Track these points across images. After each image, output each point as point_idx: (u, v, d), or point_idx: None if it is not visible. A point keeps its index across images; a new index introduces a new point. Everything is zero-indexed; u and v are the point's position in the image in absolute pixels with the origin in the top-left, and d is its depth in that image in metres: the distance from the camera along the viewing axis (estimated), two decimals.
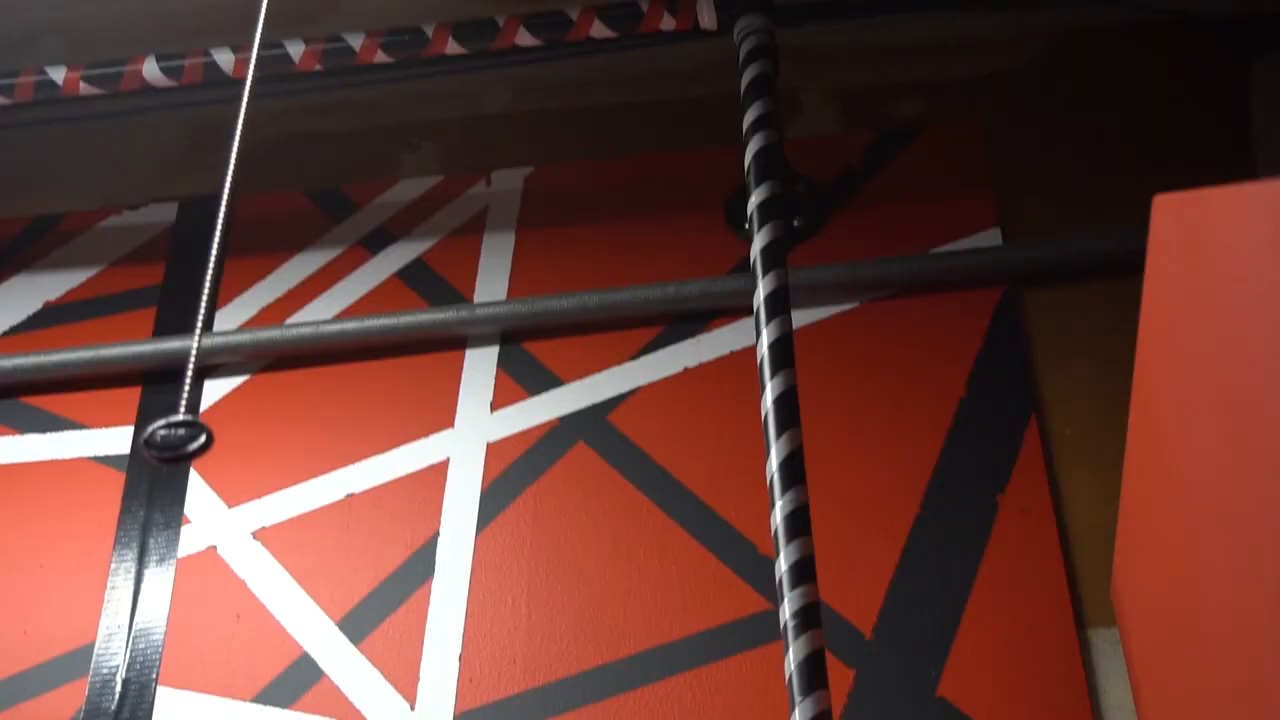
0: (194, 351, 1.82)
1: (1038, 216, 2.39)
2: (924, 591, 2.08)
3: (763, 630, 2.09)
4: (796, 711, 1.32)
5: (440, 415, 2.37)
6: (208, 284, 1.80)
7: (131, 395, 2.49)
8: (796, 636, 1.39)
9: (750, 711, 2.03)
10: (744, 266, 2.39)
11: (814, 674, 1.37)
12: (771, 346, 1.84)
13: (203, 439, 1.65)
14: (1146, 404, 1.57)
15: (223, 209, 1.67)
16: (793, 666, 1.36)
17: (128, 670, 2.21)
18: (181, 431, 1.64)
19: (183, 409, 1.69)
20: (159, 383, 2.50)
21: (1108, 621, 2.02)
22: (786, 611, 1.48)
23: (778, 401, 1.77)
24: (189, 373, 1.74)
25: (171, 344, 2.48)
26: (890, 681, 2.02)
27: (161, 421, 1.67)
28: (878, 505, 2.16)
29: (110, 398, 2.49)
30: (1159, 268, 1.39)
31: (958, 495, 2.14)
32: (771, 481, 1.73)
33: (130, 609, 2.26)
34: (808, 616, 1.46)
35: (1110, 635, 2.01)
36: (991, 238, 2.35)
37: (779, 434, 1.73)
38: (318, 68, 2.42)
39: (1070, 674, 1.98)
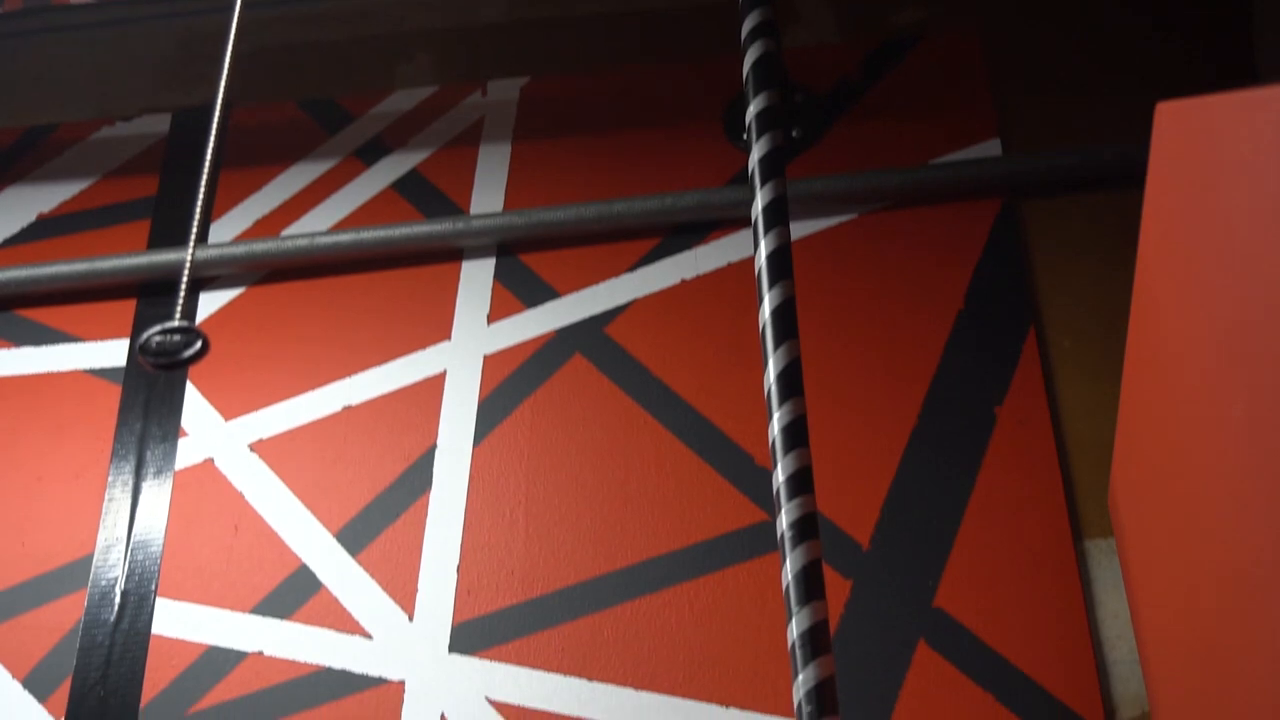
0: (188, 263, 1.81)
1: (1038, 126, 2.37)
2: (921, 503, 2.08)
3: (760, 541, 2.09)
4: (793, 621, 1.32)
5: (437, 328, 2.36)
6: (202, 195, 1.79)
7: (126, 308, 2.48)
8: (794, 547, 1.39)
9: (747, 622, 2.04)
10: (742, 177, 2.37)
11: (811, 584, 1.37)
12: (769, 258, 1.82)
13: (198, 345, 1.65)
14: (1147, 315, 1.56)
15: (215, 120, 1.66)
16: (790, 577, 1.36)
17: (126, 582, 2.21)
18: (176, 338, 1.64)
19: (177, 317, 1.69)
20: (154, 295, 2.48)
21: (1105, 532, 2.03)
22: (784, 522, 1.47)
23: (776, 313, 1.76)
24: (184, 281, 1.73)
25: (166, 256, 2.47)
26: (887, 592, 2.02)
27: (157, 328, 1.66)
28: (875, 417, 2.15)
29: (105, 310, 2.48)
30: (1161, 176, 1.38)
31: (955, 407, 2.14)
32: (769, 393, 1.72)
33: (128, 521, 2.27)
34: (805, 527, 1.45)
35: (1107, 546, 2.02)
36: (991, 148, 2.33)
37: (777, 345, 1.72)
38: None
39: (1067, 585, 1.98)
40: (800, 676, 1.26)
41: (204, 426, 2.34)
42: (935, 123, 2.38)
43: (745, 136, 2.01)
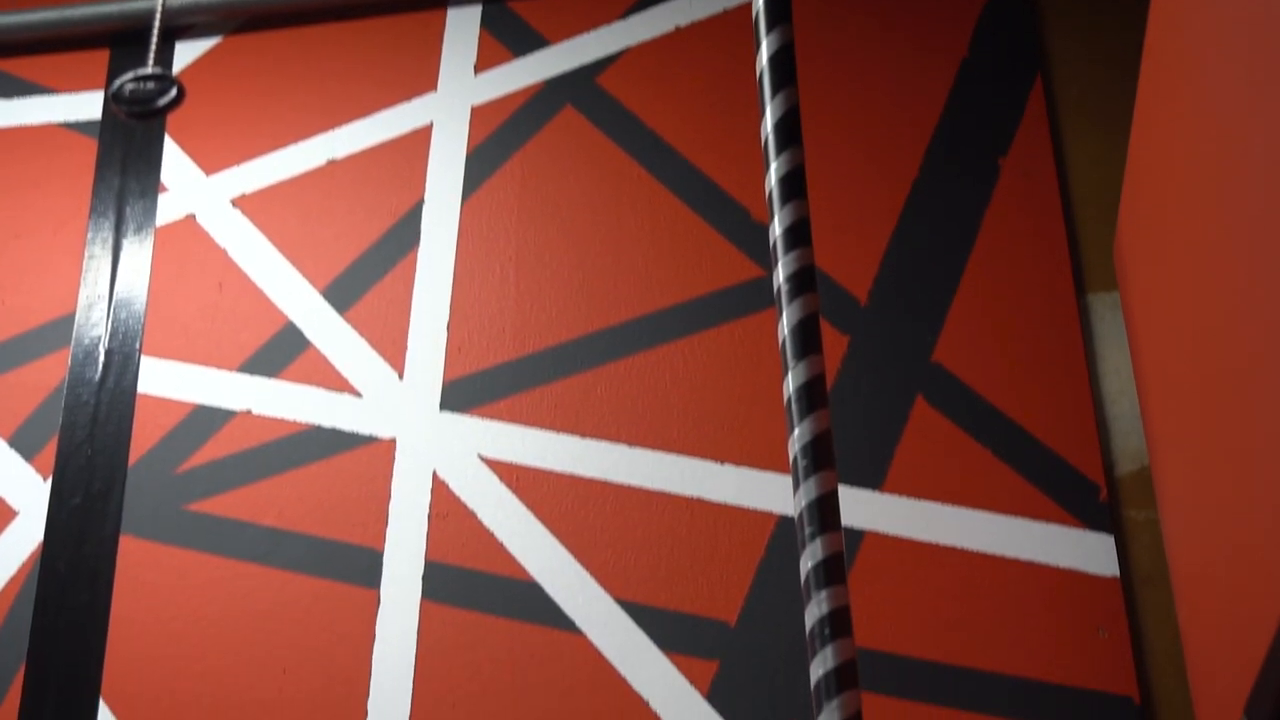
0: (160, 7, 1.74)
1: None
2: (921, 257, 2.04)
3: (755, 297, 2.06)
4: (789, 375, 1.28)
5: (422, 78, 2.29)
6: None
7: (100, 58, 2.40)
8: (790, 301, 1.34)
9: (742, 378, 2.02)
10: None
11: (808, 338, 1.33)
12: (767, 3, 1.75)
13: (173, 93, 1.59)
14: (1160, 59, 1.50)
15: None
16: (786, 331, 1.32)
17: (110, 340, 2.18)
18: (151, 85, 1.58)
19: (151, 64, 1.62)
20: (128, 45, 2.40)
21: (1108, 286, 1.99)
22: (780, 276, 1.43)
23: (773, 60, 1.69)
24: (156, 26, 1.66)
25: (139, 2, 2.38)
26: (885, 347, 2.00)
27: (130, 75, 1.60)
28: (876, 168, 2.10)
29: (78, 60, 2.40)
30: None
31: (958, 158, 2.09)
32: (766, 143, 1.66)
33: (110, 279, 2.22)
34: (802, 280, 1.41)
35: (1110, 300, 1.98)
36: None
37: (774, 93, 1.66)
38: None
39: (1068, 338, 1.96)
40: (796, 431, 1.23)
41: (184, 182, 2.28)
42: None
43: None
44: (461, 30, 2.31)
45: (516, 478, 2.01)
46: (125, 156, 2.31)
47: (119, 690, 1.97)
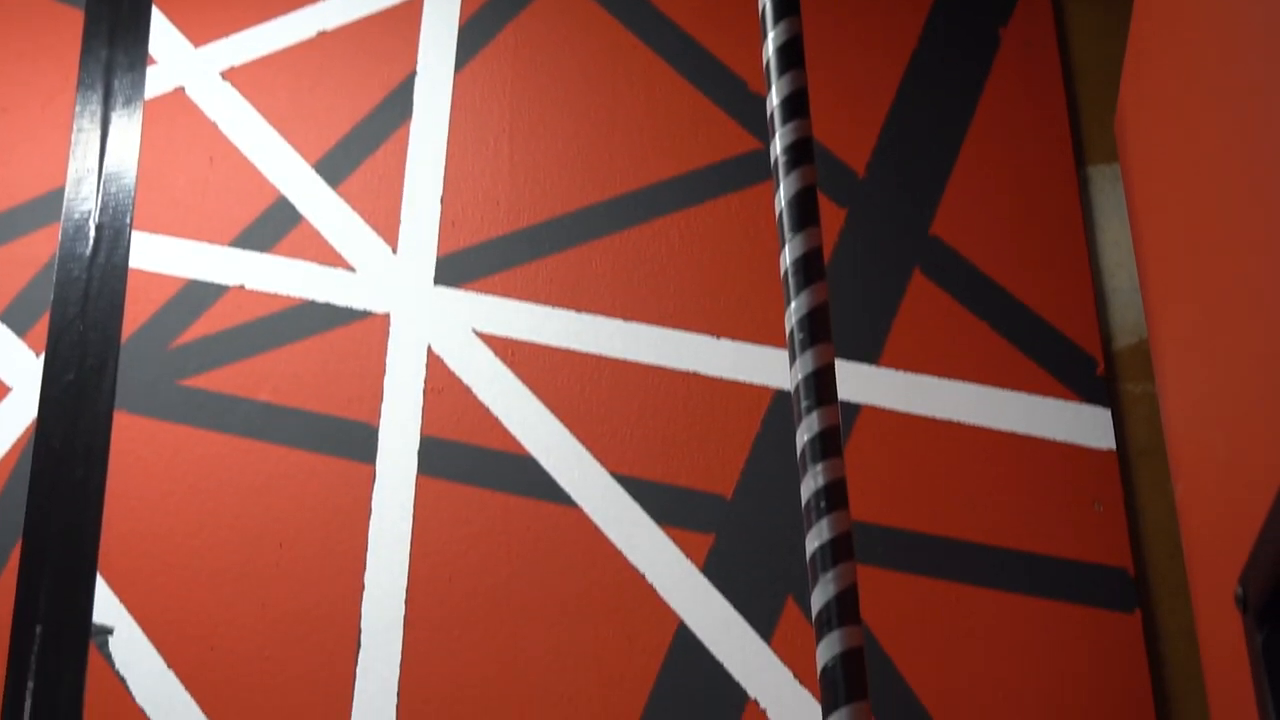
0: None
1: None
2: (920, 128, 2.02)
3: (752, 170, 2.04)
4: (786, 248, 1.26)
5: None
6: None
7: None
8: (787, 173, 1.32)
9: (739, 252, 2.00)
10: None
11: (805, 211, 1.31)
12: None
13: None
14: None
15: None
16: (783, 203, 1.30)
17: (100, 215, 2.16)
18: None
19: None
20: None
21: (1109, 158, 1.97)
22: (777, 147, 1.41)
23: None
24: None
25: None
26: (883, 220, 1.98)
27: None
28: (874, 37, 2.07)
29: None
30: None
31: (958, 28, 2.06)
32: (763, 12, 1.63)
33: (99, 153, 2.20)
34: (799, 152, 1.39)
35: (1110, 172, 1.96)
36: None
37: None
38: None
39: (1067, 211, 1.94)
40: (793, 304, 1.22)
41: (173, 54, 2.25)
42: None
43: None
44: None
45: (511, 352, 2.00)
46: (112, 28, 2.27)
47: (116, 565, 1.97)
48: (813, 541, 1.10)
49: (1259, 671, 1.24)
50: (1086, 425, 1.84)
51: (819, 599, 1.08)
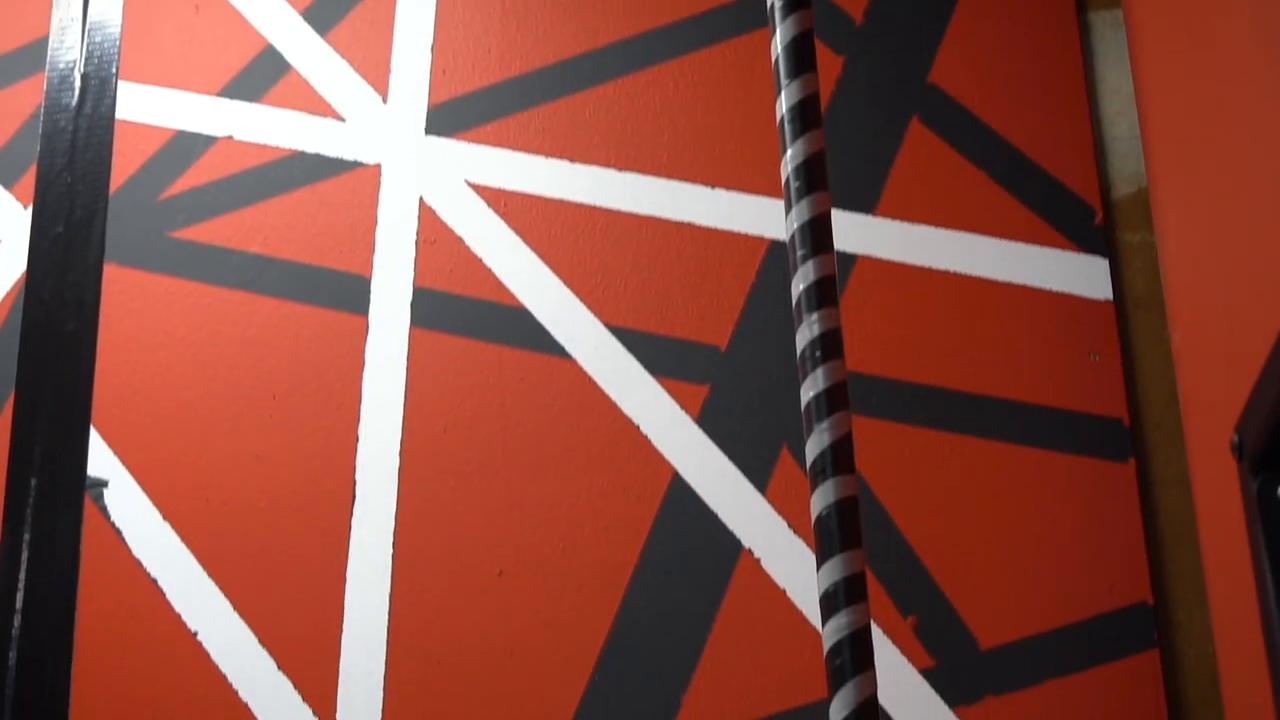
0: None
1: None
2: None
3: (748, 16, 2.01)
4: (782, 96, 1.24)
5: None
6: None
7: None
8: (783, 18, 1.29)
9: (734, 100, 1.98)
10: None
11: (801, 58, 1.29)
12: None
13: None
14: None
15: None
16: (779, 50, 1.28)
17: (85, 64, 2.12)
18: None
19: None
20: None
21: (1110, 3, 1.93)
22: None
23: None
24: None
25: None
26: (880, 68, 1.95)
27: None
28: None
29: None
30: None
31: None
32: None
33: (82, 1, 2.15)
34: None
35: (1113, 18, 1.93)
36: None
37: None
38: None
39: (1068, 58, 1.91)
40: (789, 152, 1.20)
41: None
42: None
43: None
44: None
45: (504, 203, 1.98)
46: None
47: (109, 417, 1.97)
48: (808, 391, 1.10)
49: (1253, 518, 1.24)
50: (1084, 275, 1.83)
51: (813, 448, 1.08)
